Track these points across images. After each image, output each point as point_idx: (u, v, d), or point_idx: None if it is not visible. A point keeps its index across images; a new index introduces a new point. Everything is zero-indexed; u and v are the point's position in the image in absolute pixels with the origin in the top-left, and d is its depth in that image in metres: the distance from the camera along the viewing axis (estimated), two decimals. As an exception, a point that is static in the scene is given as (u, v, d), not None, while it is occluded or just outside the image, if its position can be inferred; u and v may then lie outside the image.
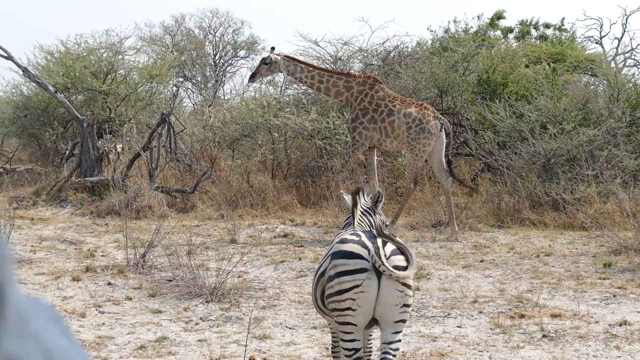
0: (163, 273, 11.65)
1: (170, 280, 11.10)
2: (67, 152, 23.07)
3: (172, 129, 19.69)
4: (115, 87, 23.05)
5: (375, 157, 15.83)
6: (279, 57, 15.68)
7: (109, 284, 11.05)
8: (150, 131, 20.20)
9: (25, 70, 20.34)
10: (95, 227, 16.01)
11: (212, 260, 11.58)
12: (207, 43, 40.23)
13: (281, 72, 15.80)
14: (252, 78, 16.18)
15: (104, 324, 9.13)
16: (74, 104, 21.77)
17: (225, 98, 31.96)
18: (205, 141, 20.89)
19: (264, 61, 15.71)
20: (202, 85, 38.03)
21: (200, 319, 9.40)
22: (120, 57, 24.55)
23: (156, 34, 39.87)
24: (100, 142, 20.49)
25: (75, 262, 12.57)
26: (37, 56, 25.07)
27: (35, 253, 13.39)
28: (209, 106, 23.89)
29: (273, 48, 15.89)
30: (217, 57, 39.97)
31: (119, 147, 20.96)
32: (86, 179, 19.24)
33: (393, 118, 15.19)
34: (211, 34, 40.63)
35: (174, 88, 25.74)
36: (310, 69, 15.65)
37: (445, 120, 15.64)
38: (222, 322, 9.26)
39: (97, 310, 9.70)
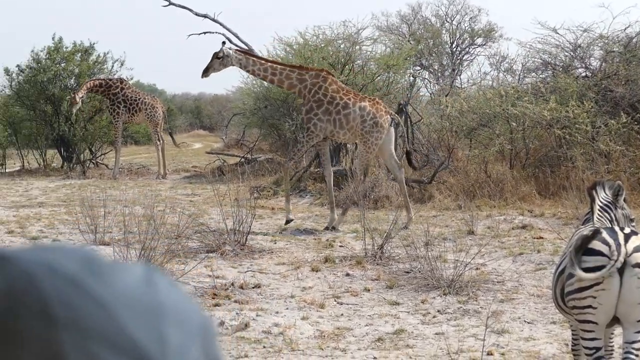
0: (400, 264, 11.70)
1: (407, 272, 11.12)
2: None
3: (409, 119, 19.75)
4: (353, 77, 23.27)
5: (329, 148, 16.22)
6: (231, 51, 15.88)
7: (347, 274, 11.19)
8: (387, 121, 20.31)
9: (265, 62, 20.88)
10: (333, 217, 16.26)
11: (449, 252, 11.52)
12: (443, 31, 40.10)
13: (233, 65, 15.79)
14: (205, 72, 16.15)
15: (342, 315, 9.25)
16: (313, 96, 22.15)
17: (463, 87, 31.79)
18: (442, 131, 20.84)
19: (216, 55, 15.76)
20: (439, 74, 37.95)
21: (438, 311, 9.38)
22: (357, 47, 24.79)
23: (393, 23, 40.11)
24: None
25: (314, 253, 12.81)
26: (276, 48, 25.72)
27: (275, 243, 13.74)
28: (446, 95, 23.82)
29: (224, 42, 16.19)
30: (453, 46, 39.78)
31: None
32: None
33: (348, 111, 15.39)
34: (448, 22, 40.48)
35: (411, 78, 25.83)
36: (262, 62, 15.88)
37: (396, 115, 16.27)
38: (459, 315, 9.21)
39: (335, 301, 9.84)
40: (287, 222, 15.15)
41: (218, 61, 15.75)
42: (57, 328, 0.83)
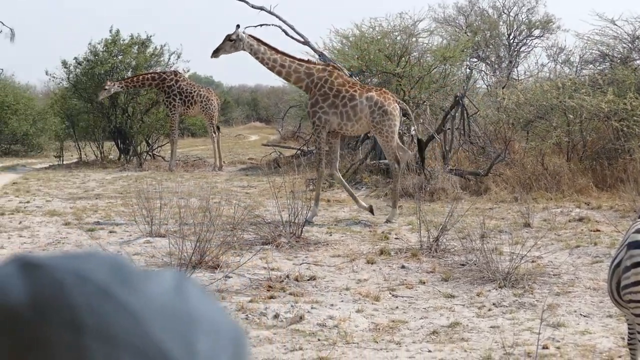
0: (456, 257, 11.65)
1: (463, 265, 11.07)
2: (362, 134, 23.52)
3: (465, 111, 19.66)
4: (409, 69, 23.22)
5: (339, 146, 16.13)
6: (244, 35, 15.70)
7: (403, 267, 11.17)
8: (443, 113, 20.27)
9: (321, 54, 20.92)
10: (390, 209, 16.23)
11: (505, 245, 11.45)
12: (500, 23, 39.86)
13: (244, 50, 15.66)
14: (215, 53, 16.12)
15: (397, 307, 9.24)
16: (368, 87, 22.13)
17: (519, 79, 31.55)
18: (499, 123, 20.73)
19: (228, 37, 15.69)
20: (496, 66, 37.71)
21: (493, 304, 9.33)
22: (413, 39, 24.74)
23: (450, 15, 39.98)
24: (394, 124, 20.75)
25: (370, 245, 12.80)
26: (332, 40, 25.75)
27: (331, 235, 13.76)
28: (502, 88, 23.68)
29: (238, 26, 15.89)
30: (511, 37, 39.52)
31: (412, 129, 21.13)
32: (380, 161, 19.56)
33: (355, 102, 15.29)
34: (505, 13, 40.23)
35: (468, 70, 25.70)
36: (273, 51, 15.62)
37: (403, 103, 16.07)
38: (515, 309, 9.15)
39: (390, 293, 9.83)
40: (307, 221, 14.20)
41: (230, 43, 15.75)
42: (86, 336, 0.83)
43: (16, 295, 0.85)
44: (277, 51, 15.67)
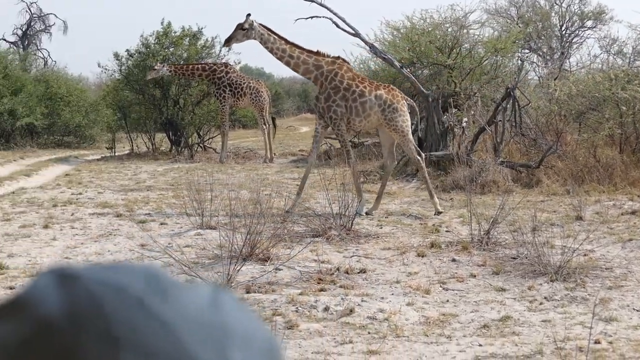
0: (507, 250, 11.58)
1: (514, 258, 11.01)
2: (412, 126, 23.45)
3: (517, 103, 19.55)
4: (460, 61, 23.12)
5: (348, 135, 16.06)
6: (255, 24, 15.67)
7: (453, 260, 11.12)
8: (495, 105, 20.16)
9: (372, 46, 20.85)
10: (441, 202, 16.19)
11: (557, 238, 11.37)
12: (552, 14, 39.54)
13: (255, 39, 15.68)
14: (227, 42, 16.26)
15: (448, 301, 9.21)
16: (419, 79, 22.08)
17: (572, 70, 31.30)
18: (550, 115, 20.58)
19: (240, 26, 15.68)
20: (548, 58, 37.43)
21: (545, 298, 9.26)
22: (465, 31, 24.61)
23: (501, 6, 39.72)
24: (445, 116, 20.70)
25: (420, 237, 12.76)
26: (383, 32, 25.71)
27: (381, 227, 13.74)
28: (554, 79, 23.50)
29: (249, 14, 15.84)
30: (563, 28, 39.20)
31: (464, 121, 21.04)
32: (431, 153, 19.50)
33: (365, 99, 15.28)
34: (557, 4, 39.89)
35: (519, 61, 25.53)
36: (283, 41, 15.60)
37: (411, 100, 16.03)
38: (566, 303, 9.08)
39: (441, 287, 9.80)
40: (358, 213, 14.29)
41: (242, 32, 15.79)
42: (120, 347, 0.83)
43: (52, 306, 0.86)
44: (286, 41, 15.71)
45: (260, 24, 15.78)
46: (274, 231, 11.37)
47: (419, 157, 15.55)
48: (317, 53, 15.77)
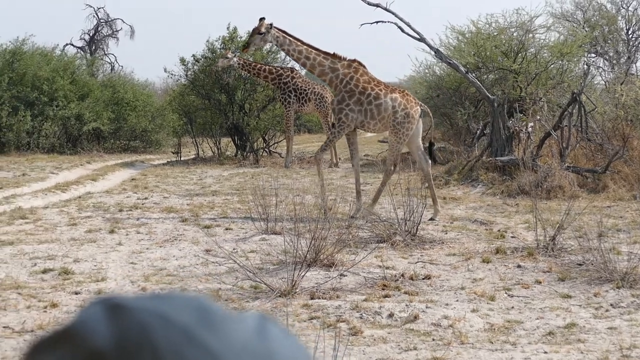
0: (573, 256, 11.49)
1: (580, 264, 10.92)
2: (478, 131, 23.39)
3: (582, 108, 19.40)
4: (526, 65, 23.04)
5: (357, 138, 16.17)
6: (271, 28, 15.82)
7: (519, 266, 11.06)
8: (560, 110, 20.03)
9: (437, 51, 20.85)
10: (506, 207, 16.11)
11: (623, 244, 11.28)
12: (619, 17, 39.11)
13: (271, 42, 15.95)
14: (246, 48, 16.68)
15: (513, 307, 9.17)
16: (484, 84, 22.03)
17: (638, 75, 30.94)
18: (617, 120, 20.39)
19: (257, 31, 15.86)
20: (614, 62, 37.04)
21: (611, 305, 9.19)
22: (530, 35, 24.51)
23: (567, 10, 39.36)
24: (510, 121, 20.59)
25: (486, 243, 12.71)
26: (448, 37, 25.76)
27: (446, 233, 13.71)
28: (621, 84, 23.27)
29: (263, 18, 15.93)
30: (629, 32, 38.77)
31: (529, 126, 20.92)
32: (497, 158, 19.43)
33: (380, 102, 15.33)
34: (624, 8, 39.44)
35: (585, 66, 25.32)
36: (299, 43, 15.69)
37: (425, 106, 16.08)
38: (633, 310, 9.00)
39: (506, 293, 9.75)
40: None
41: (259, 37, 16.00)
42: None
43: (101, 337, 0.88)
44: (302, 43, 15.82)
45: (276, 27, 15.94)
46: (338, 236, 11.41)
47: (392, 168, 15.71)
48: (334, 55, 15.84)
